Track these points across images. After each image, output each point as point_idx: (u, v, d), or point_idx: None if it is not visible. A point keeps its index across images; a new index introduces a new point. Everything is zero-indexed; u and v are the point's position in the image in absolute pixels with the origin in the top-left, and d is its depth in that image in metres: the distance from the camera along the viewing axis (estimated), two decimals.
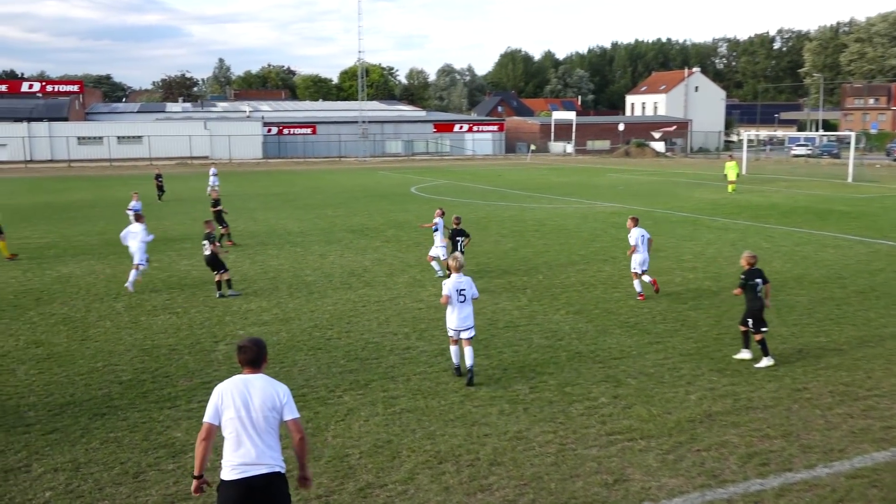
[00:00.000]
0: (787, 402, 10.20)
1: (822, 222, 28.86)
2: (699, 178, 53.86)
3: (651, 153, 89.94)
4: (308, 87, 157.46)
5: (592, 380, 11.14)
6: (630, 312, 15.12)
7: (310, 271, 19.68)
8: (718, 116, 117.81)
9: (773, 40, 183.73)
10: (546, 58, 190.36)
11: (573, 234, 25.96)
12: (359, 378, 11.28)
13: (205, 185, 43.59)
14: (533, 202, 37.25)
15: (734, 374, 11.38)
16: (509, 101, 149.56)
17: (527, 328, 14.01)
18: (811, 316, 14.78)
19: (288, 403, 5.85)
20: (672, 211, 32.81)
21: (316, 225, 28.86)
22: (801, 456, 8.61)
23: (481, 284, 17.71)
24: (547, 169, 67.26)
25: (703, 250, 22.51)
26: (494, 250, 22.80)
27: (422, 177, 56.85)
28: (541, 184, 49.44)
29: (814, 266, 19.93)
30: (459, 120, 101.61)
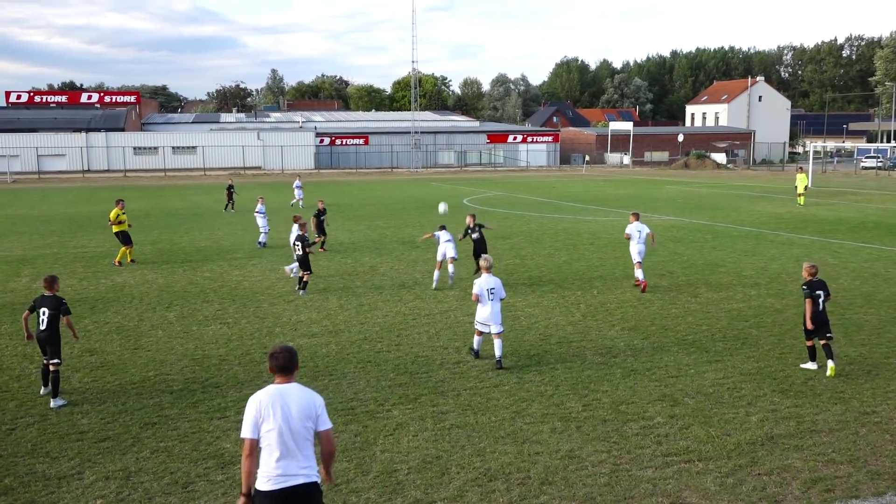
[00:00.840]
0: (855, 426, 9.92)
1: (892, 238, 28.03)
2: (762, 191, 52.83)
3: (712, 165, 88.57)
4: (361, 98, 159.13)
5: (648, 398, 10.99)
6: (688, 329, 14.89)
7: (360, 283, 19.84)
8: (783, 127, 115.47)
9: (841, 48, 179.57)
10: (602, 67, 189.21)
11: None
12: (408, 392, 11.32)
13: (289, 196, 44.34)
14: (588, 214, 36.97)
15: (798, 395, 11.10)
16: (564, 112, 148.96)
17: (580, 344, 13.90)
18: (881, 336, 14.35)
19: (322, 414, 5.91)
20: (733, 225, 32.24)
21: (367, 236, 29.11)
22: (869, 483, 8.35)
23: (533, 298, 17.65)
24: (603, 181, 66.73)
25: (765, 266, 22.05)
26: (547, 263, 22.68)
27: (474, 188, 56.92)
28: (596, 196, 49.06)
29: (884, 283, 19.36)
30: (513, 130, 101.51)
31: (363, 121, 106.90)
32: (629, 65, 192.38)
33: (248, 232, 30.45)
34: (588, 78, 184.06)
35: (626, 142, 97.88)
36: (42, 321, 10.86)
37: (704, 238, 28.21)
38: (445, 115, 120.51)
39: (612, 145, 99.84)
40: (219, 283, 19.89)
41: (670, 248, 25.69)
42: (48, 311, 10.84)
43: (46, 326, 10.85)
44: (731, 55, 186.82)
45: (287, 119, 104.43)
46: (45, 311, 10.86)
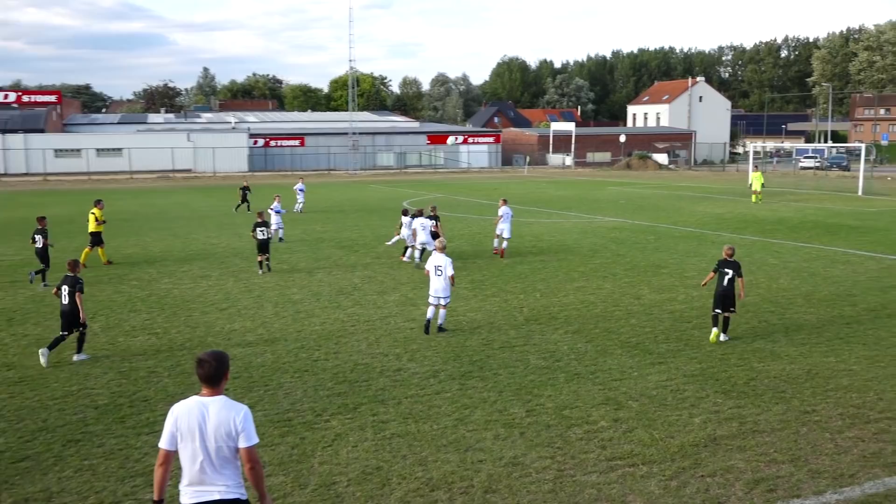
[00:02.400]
0: (796, 426, 10.20)
1: (831, 237, 28.97)
2: (704, 192, 54.07)
3: (653, 166, 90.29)
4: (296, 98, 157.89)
5: (592, 402, 11.13)
6: (631, 332, 15.13)
7: (296, 289, 19.66)
8: (723, 127, 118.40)
9: (779, 48, 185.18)
10: (544, 66, 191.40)
11: (572, 250, 26.01)
12: (347, 401, 11.25)
13: (230, 200, 43.59)
14: (530, 217, 37.32)
15: (740, 395, 11.38)
16: (506, 112, 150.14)
17: (523, 349, 14.01)
18: (820, 335, 14.81)
19: (246, 429, 5.59)
20: (675, 226, 32.91)
21: (303, 241, 28.86)
22: (810, 482, 8.60)
23: (475, 303, 17.74)
24: (545, 182, 67.45)
25: (707, 266, 22.51)
26: (489, 266, 22.81)
27: (415, 190, 56.95)
28: (538, 197, 49.55)
29: (823, 283, 19.99)
30: (454, 131, 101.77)
31: (299, 121, 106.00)
32: (570, 65, 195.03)
33: (177, 238, 29.90)
34: (529, 78, 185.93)
35: (568, 142, 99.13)
36: (64, 296, 13.27)
37: (647, 239, 28.73)
38: (384, 115, 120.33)
39: (555, 146, 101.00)
40: (147, 292, 19.48)
41: (613, 249, 26.09)
42: (68, 288, 13.27)
43: (68, 302, 13.24)
44: (672, 55, 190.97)
45: (219, 120, 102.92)
46: (65, 287, 13.28)
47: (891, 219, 35.56)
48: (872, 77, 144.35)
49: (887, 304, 17.39)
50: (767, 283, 20.02)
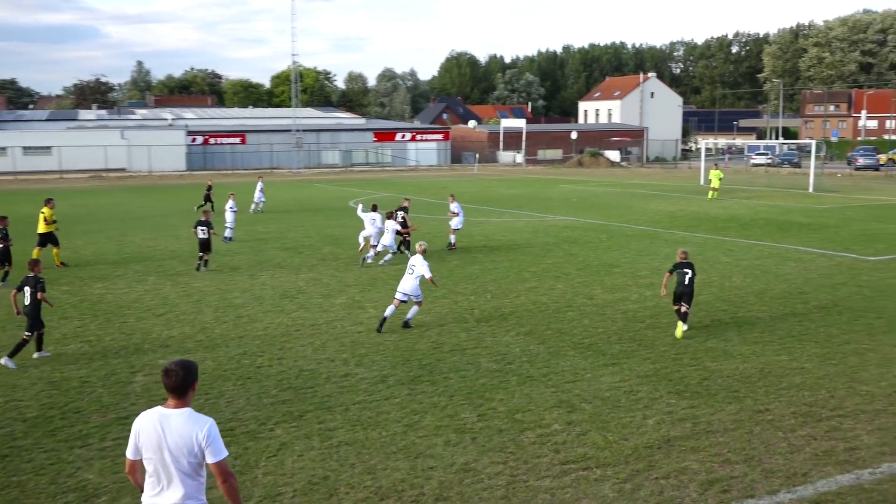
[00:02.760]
0: (749, 425, 10.43)
1: (783, 235, 29.67)
2: (656, 189, 54.89)
3: (605, 163, 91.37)
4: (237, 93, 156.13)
5: (545, 405, 11.23)
6: (584, 333, 15.30)
7: (238, 293, 19.45)
8: (675, 124, 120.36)
9: (730, 44, 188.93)
10: (493, 62, 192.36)
11: (523, 250, 26.19)
12: (292, 409, 11.17)
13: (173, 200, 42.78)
14: (480, 216, 37.47)
15: (693, 396, 11.59)
16: (455, 108, 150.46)
17: (474, 351, 14.06)
18: (772, 333, 15.16)
19: (211, 445, 5.51)
20: (628, 224, 33.35)
21: (245, 243, 28.56)
22: (764, 481, 8.79)
23: (424, 305, 17.75)
24: (495, 180, 67.79)
25: (660, 265, 22.90)
26: (439, 268, 22.84)
27: (361, 189, 56.76)
28: (489, 196, 49.78)
29: (775, 280, 20.46)
30: (402, 128, 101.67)
31: (239, 118, 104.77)
32: (520, 60, 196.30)
33: (111, 240, 29.34)
34: (479, 73, 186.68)
35: (519, 139, 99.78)
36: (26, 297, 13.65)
37: (599, 238, 29.08)
38: (329, 111, 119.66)
39: (505, 143, 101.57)
40: (79, 298, 19.07)
41: (565, 248, 26.34)
42: (29, 289, 13.66)
43: (30, 302, 13.61)
44: (623, 51, 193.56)
45: (155, 116, 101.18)
46: (27, 289, 13.66)
47: (840, 215, 36.55)
48: (822, 73, 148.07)
49: (838, 302, 17.87)
50: (720, 281, 20.41)
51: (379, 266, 23.16)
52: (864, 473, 8.97)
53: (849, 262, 23.23)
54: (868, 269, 22.15)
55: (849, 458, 9.38)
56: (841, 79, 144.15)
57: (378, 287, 20.04)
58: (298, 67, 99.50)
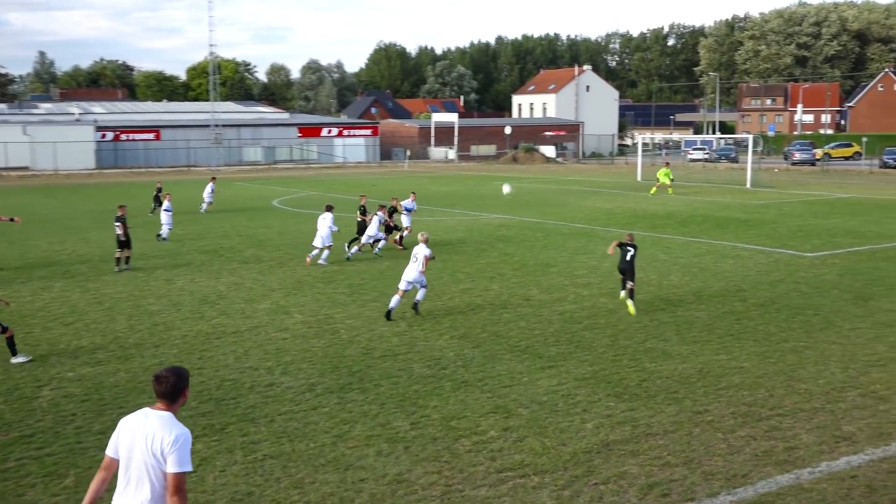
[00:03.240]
0: (688, 427, 10.66)
1: (720, 231, 30.41)
2: (593, 186, 55.72)
3: (541, 159, 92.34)
4: (150, 86, 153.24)
5: (480, 412, 11.29)
6: (520, 335, 15.44)
7: (153, 299, 19.08)
8: (612, 118, 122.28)
9: (666, 36, 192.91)
10: (424, 53, 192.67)
11: (457, 250, 26.30)
12: (213, 422, 11.01)
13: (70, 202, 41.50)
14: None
15: (632, 398, 11.79)
16: (384, 102, 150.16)
17: (406, 357, 14.06)
18: (711, 332, 15.53)
19: (175, 453, 5.69)
20: (564, 222, 33.77)
21: (160, 246, 28.02)
22: (704, 484, 9.00)
23: (354, 309, 17.72)
24: (427, 177, 67.89)
25: (597, 264, 23.26)
26: (369, 269, 22.79)
27: (285, 188, 56.23)
28: (420, 194, 49.74)
29: (713, 278, 20.96)
30: (328, 123, 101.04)
31: (153, 112, 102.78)
32: (452, 51, 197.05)
33: (13, 245, 28.45)
34: (409, 65, 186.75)
35: (451, 135, 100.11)
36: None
37: (535, 237, 29.38)
38: (250, 105, 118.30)
39: (437, 139, 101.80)
40: None
41: (500, 248, 26.54)
42: None
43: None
44: (558, 42, 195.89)
45: (60, 111, 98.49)
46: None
47: (778, 211, 37.64)
48: (758, 66, 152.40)
49: (776, 299, 18.40)
50: (658, 279, 20.82)
51: (304, 271, 23.01)
52: (803, 473, 9.26)
53: (786, 259, 23.94)
54: (805, 265, 22.87)
55: (788, 457, 9.67)
56: (777, 72, 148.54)
57: (304, 290, 19.88)
58: (216, 59, 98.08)
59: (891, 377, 12.68)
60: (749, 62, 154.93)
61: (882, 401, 11.60)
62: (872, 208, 38.62)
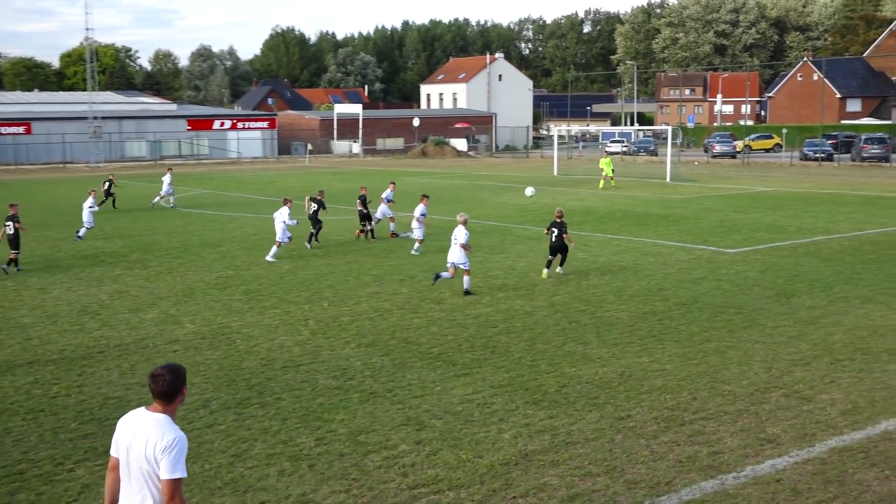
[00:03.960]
0: (610, 434, 10.87)
1: (640, 228, 31.11)
2: (507, 181, 56.30)
3: (451, 152, 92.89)
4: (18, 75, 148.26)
5: (390, 424, 11.29)
6: (432, 341, 15.49)
7: (26, 311, 18.48)
8: (526, 109, 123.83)
9: (582, 23, 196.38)
10: (324, 39, 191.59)
11: (363, 251, 26.23)
12: (97, 444, 10.72)
13: None
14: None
15: (552, 405, 11.96)
16: (282, 92, 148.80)
17: (310, 367, 13.96)
18: (632, 333, 15.87)
19: (167, 458, 5.77)
20: (477, 219, 33.99)
21: (34, 251, 27.12)
22: (627, 493, 9.19)
23: (251, 317, 17.52)
24: (330, 173, 67.51)
25: (513, 264, 23.52)
26: (268, 273, 22.54)
27: (174, 186, 55.05)
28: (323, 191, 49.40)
29: (633, 277, 21.43)
30: (220, 115, 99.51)
31: (23, 103, 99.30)
32: (354, 38, 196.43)
33: None
34: (308, 52, 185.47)
35: (356, 127, 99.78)
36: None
37: (447, 236, 29.45)
38: (133, 96, 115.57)
39: (340, 132, 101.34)
40: None
41: (409, 248, 26.55)
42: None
43: None
44: (468, 29, 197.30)
45: None
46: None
47: (699, 206, 38.73)
48: (676, 55, 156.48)
49: (698, 297, 18.93)
50: (577, 279, 21.17)
51: (196, 276, 22.63)
52: (728, 478, 9.54)
53: (708, 255, 24.65)
54: (727, 261, 23.58)
55: (712, 462, 9.96)
56: (696, 61, 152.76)
57: (196, 297, 19.53)
58: (94, 44, 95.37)
59: (814, 376, 13.19)
60: (667, 50, 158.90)
61: (806, 400, 12.05)
62: (793, 202, 40.09)
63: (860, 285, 20.10)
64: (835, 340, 15.23)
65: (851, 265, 22.72)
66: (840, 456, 10.09)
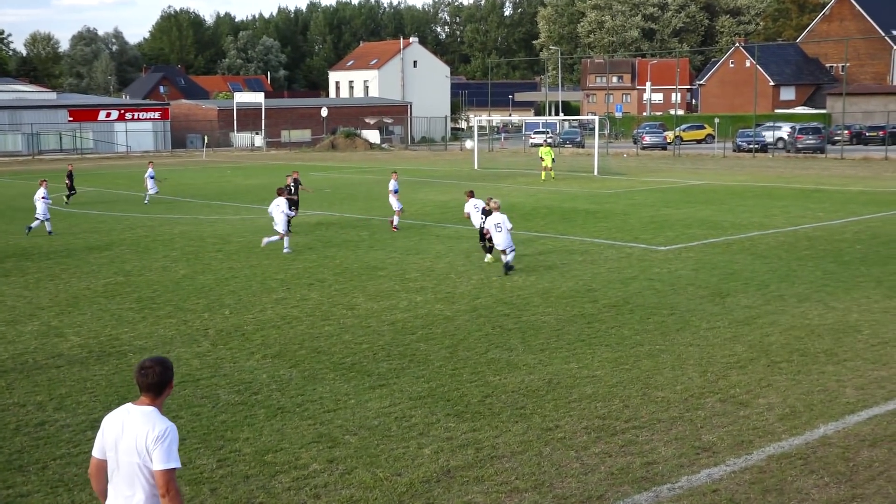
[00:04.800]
0: (538, 446, 10.97)
1: (567, 225, 31.50)
2: (424, 175, 56.41)
3: (364, 145, 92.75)
4: None
5: (300, 442, 11.20)
6: (345, 350, 15.43)
7: None
8: (443, 98, 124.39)
9: (503, 5, 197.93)
10: (222, 22, 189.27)
11: (269, 254, 25.98)
12: None
13: None
14: (212, 213, 36.72)
15: (475, 416, 12.02)
16: (175, 80, 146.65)
17: (210, 382, 13.77)
18: (560, 338, 16.05)
19: (159, 448, 6.00)
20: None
21: None
22: None
23: (144, 328, 17.24)
24: (230, 168, 66.72)
25: (432, 266, 23.57)
26: (162, 279, 22.17)
27: (55, 184, 53.73)
28: (222, 189, 48.92)
29: (560, 277, 21.68)
30: (106, 105, 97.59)
31: None
32: (255, 20, 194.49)
33: None
34: (205, 36, 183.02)
35: (258, 118, 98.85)
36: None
37: (360, 236, 29.44)
38: (6, 83, 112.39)
39: (240, 123, 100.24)
40: None
41: (318, 249, 26.45)
42: None
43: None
44: (379, 11, 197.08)
45: None
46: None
47: (628, 201, 39.40)
48: (603, 40, 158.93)
49: (629, 298, 19.24)
50: (500, 281, 21.32)
51: (81, 283, 22.14)
52: (662, 490, 9.72)
53: (638, 253, 25.09)
54: (659, 260, 24.04)
55: (646, 474, 10.13)
56: (623, 46, 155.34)
57: (82, 307, 19.09)
58: None
59: (750, 379, 13.52)
60: (593, 35, 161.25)
61: (742, 406, 12.35)
62: (726, 196, 41.10)
63: (796, 283, 20.70)
64: (771, 342, 15.65)
65: (787, 262, 23.39)
66: (778, 463, 10.36)
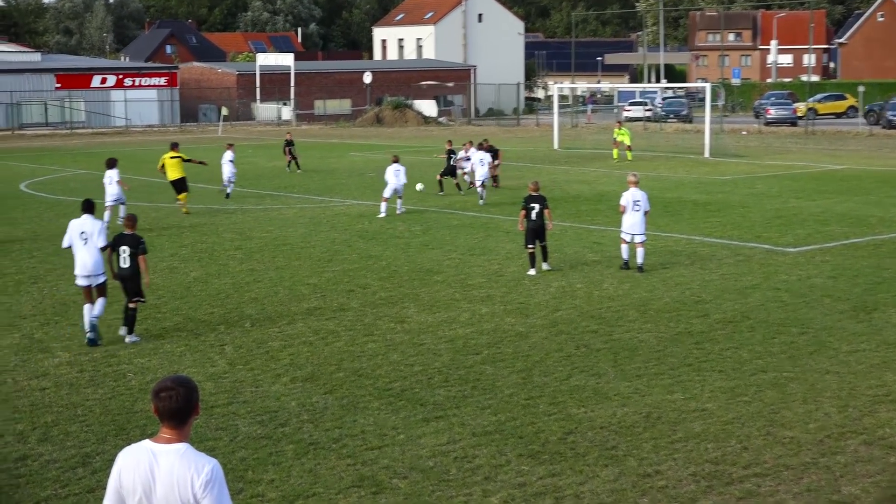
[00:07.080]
0: (633, 496, 10.88)
1: (671, 219, 31.18)
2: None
3: (416, 119, 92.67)
4: None
5: (338, 486, 11.25)
6: (393, 373, 15.45)
7: None
8: (516, 61, 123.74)
9: None
10: None
11: (298, 252, 26.11)
12: None
13: None
14: (231, 202, 37.03)
15: (554, 458, 11.96)
16: (185, 38, 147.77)
17: (227, 409, 13.89)
18: (661, 362, 15.89)
19: (210, 493, 5.94)
20: (451, 209, 34.01)
21: None
22: None
23: (148, 342, 17.42)
24: (251, 147, 67.19)
25: (500, 269, 23.51)
26: (169, 283, 22.39)
27: (38, 164, 54.71)
28: (242, 172, 49.23)
29: (662, 286, 21.49)
30: (101, 68, 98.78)
31: None
32: None
33: None
34: None
35: (286, 85, 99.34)
36: (124, 259, 17.09)
37: (411, 231, 29.45)
38: None
39: (264, 91, 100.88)
40: None
41: (360, 248, 26.50)
42: (129, 249, 17.09)
43: (129, 265, 17.10)
44: None
45: None
46: (125, 249, 17.11)
47: (747, 190, 38.89)
48: None
49: (748, 313, 18.98)
50: (586, 289, 21.20)
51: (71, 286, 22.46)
52: None
53: (760, 257, 24.77)
54: (787, 264, 23.70)
55: None
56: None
57: (70, 316, 19.36)
58: None
59: None
60: None
61: (893, 450, 12.12)
62: (874, 185, 40.34)
63: None
64: None
65: None
66: None
